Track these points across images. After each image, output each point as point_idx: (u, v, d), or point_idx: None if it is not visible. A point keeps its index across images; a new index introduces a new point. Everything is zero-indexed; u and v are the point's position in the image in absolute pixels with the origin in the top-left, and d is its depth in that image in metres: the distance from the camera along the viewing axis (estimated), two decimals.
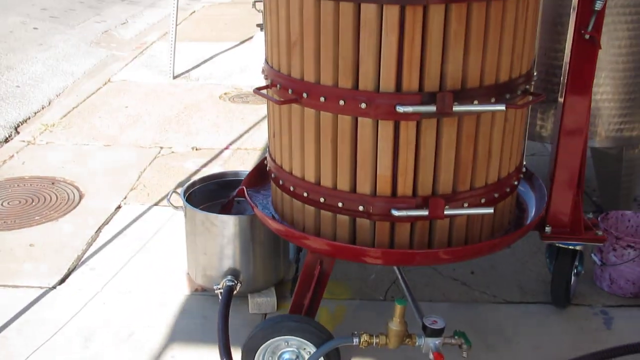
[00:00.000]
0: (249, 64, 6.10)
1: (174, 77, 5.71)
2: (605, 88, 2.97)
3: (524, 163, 2.33)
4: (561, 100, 2.29)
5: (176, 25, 5.74)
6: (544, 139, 3.11)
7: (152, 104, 5.00)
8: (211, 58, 6.40)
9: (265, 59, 2.21)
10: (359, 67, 1.87)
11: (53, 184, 3.63)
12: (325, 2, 1.84)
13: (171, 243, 3.02)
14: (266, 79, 2.19)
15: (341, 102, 1.90)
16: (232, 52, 6.67)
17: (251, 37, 6.80)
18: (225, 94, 5.34)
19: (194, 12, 8.85)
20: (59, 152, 4.08)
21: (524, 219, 2.35)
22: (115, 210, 3.35)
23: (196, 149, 4.16)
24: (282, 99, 2.04)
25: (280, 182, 2.19)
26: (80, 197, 3.48)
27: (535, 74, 2.19)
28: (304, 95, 1.96)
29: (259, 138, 4.37)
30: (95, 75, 6.00)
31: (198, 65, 6.13)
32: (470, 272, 2.86)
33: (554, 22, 2.84)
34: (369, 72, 1.86)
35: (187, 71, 5.94)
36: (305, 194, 2.08)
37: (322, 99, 1.93)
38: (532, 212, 2.34)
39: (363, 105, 1.87)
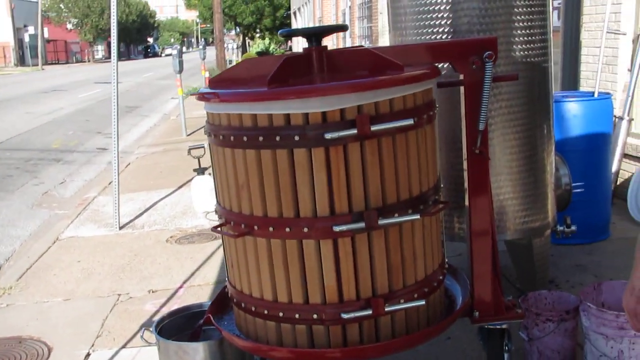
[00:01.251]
0: (190, 207, 6.49)
1: (120, 228, 6.02)
2: (506, 189, 3.49)
3: (446, 260, 2.75)
4: (467, 204, 2.76)
5: (118, 177, 6.12)
6: (464, 239, 3.57)
7: (103, 256, 5.27)
8: (153, 205, 6.77)
9: (217, 202, 2.60)
10: (298, 199, 2.28)
11: (20, 342, 3.81)
12: (265, 151, 2.27)
13: None
14: (220, 218, 2.57)
15: (287, 229, 2.29)
16: (172, 197, 7.07)
17: (188, 182, 7.23)
18: (171, 237, 5.67)
19: (129, 164, 9.28)
20: (21, 311, 4.28)
21: (454, 308, 2.73)
22: (85, 358, 3.56)
23: (152, 292, 4.44)
24: (236, 233, 2.42)
25: (242, 305, 2.52)
26: (49, 351, 3.68)
27: (442, 185, 2.66)
28: (255, 227, 2.35)
29: (210, 274, 4.69)
30: (42, 235, 6.25)
31: (141, 214, 6.47)
32: None
33: (453, 141, 3.37)
34: (306, 202, 2.27)
35: (132, 220, 6.27)
36: (265, 312, 2.42)
37: (270, 229, 2.32)
38: (459, 301, 2.73)
39: (305, 230, 2.27)
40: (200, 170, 6.99)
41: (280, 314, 2.38)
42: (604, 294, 3.02)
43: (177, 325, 2.96)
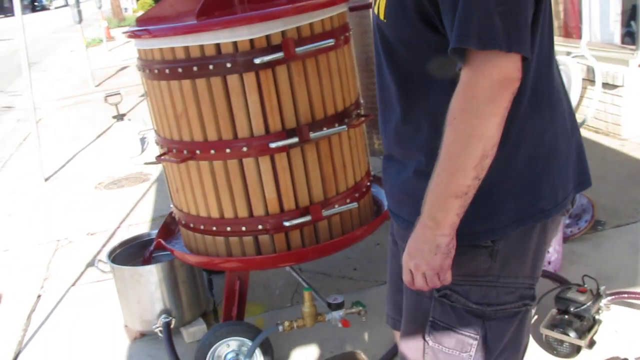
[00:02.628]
0: (113, 154, 6.54)
1: (46, 180, 6.03)
2: None
3: (372, 169, 3.03)
4: None
5: (37, 127, 6.09)
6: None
7: (33, 207, 5.32)
8: (75, 156, 6.77)
9: (156, 133, 2.77)
10: (235, 122, 2.48)
11: None
12: (200, 80, 2.45)
13: (100, 310, 3.43)
14: (162, 148, 2.74)
15: (227, 150, 2.50)
16: (93, 146, 7.07)
17: (108, 130, 7.24)
18: (99, 184, 5.75)
19: (41, 119, 9.11)
20: None
21: (381, 212, 3.04)
22: (37, 300, 3.70)
23: (91, 234, 4.57)
24: (179, 159, 2.61)
25: (191, 225, 2.74)
26: (0, 297, 3.79)
27: (362, 101, 2.91)
28: (197, 152, 2.55)
29: (145, 212, 4.85)
30: None
31: (65, 165, 6.48)
32: (353, 269, 3.52)
33: (366, 63, 3.63)
34: (243, 124, 2.48)
35: (56, 172, 6.28)
36: (214, 228, 2.64)
37: (212, 151, 2.52)
38: (386, 206, 3.04)
39: (244, 149, 2.48)
40: (119, 117, 7.03)
41: (228, 229, 2.61)
42: None
43: (128, 254, 3.15)
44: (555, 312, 2.61)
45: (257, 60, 2.39)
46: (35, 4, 76.76)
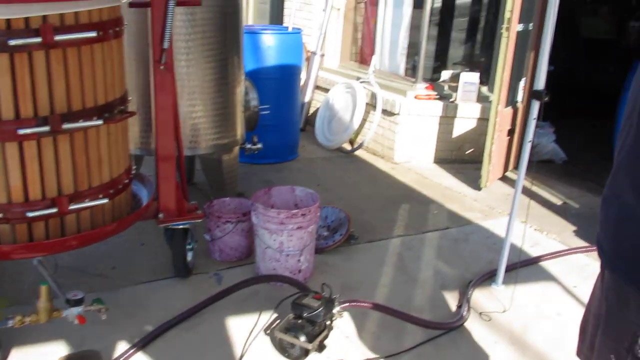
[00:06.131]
0: None
1: None
2: (199, 107, 3.83)
3: (134, 166, 3.02)
4: (154, 115, 3.04)
5: None
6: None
7: None
8: None
9: None
10: None
11: None
12: None
13: None
14: None
15: None
16: None
17: None
18: None
19: None
20: None
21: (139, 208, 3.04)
22: None
23: None
24: None
25: None
26: None
27: (129, 98, 2.90)
28: None
29: None
30: None
31: None
32: (112, 268, 3.47)
33: (146, 60, 3.59)
34: None
35: None
36: None
37: None
38: (144, 202, 3.04)
39: None
40: None
41: None
42: (273, 197, 3.55)
43: None
44: (291, 317, 2.77)
45: (12, 42, 2.30)
46: None
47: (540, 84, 3.06)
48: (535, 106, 3.09)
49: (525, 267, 3.58)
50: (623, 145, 1.52)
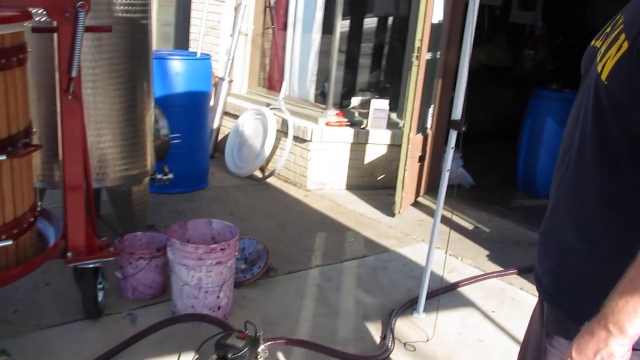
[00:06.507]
0: None
1: None
2: (106, 137, 3.64)
3: (40, 203, 2.81)
4: (62, 149, 2.85)
5: None
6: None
7: None
8: None
9: None
10: None
11: None
12: None
13: None
14: None
15: None
16: None
17: None
18: None
19: None
20: None
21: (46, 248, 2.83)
22: None
23: None
24: None
25: None
26: None
27: (34, 130, 2.70)
28: None
29: None
30: None
31: None
32: (14, 312, 3.20)
33: (52, 88, 3.38)
34: None
35: None
36: None
37: None
38: (52, 241, 2.83)
39: None
40: None
41: None
42: (189, 230, 3.40)
43: None
44: (214, 358, 2.63)
45: None
46: None
47: (458, 113, 3.09)
48: (454, 135, 3.12)
49: (444, 294, 3.60)
50: (562, 180, 1.52)
